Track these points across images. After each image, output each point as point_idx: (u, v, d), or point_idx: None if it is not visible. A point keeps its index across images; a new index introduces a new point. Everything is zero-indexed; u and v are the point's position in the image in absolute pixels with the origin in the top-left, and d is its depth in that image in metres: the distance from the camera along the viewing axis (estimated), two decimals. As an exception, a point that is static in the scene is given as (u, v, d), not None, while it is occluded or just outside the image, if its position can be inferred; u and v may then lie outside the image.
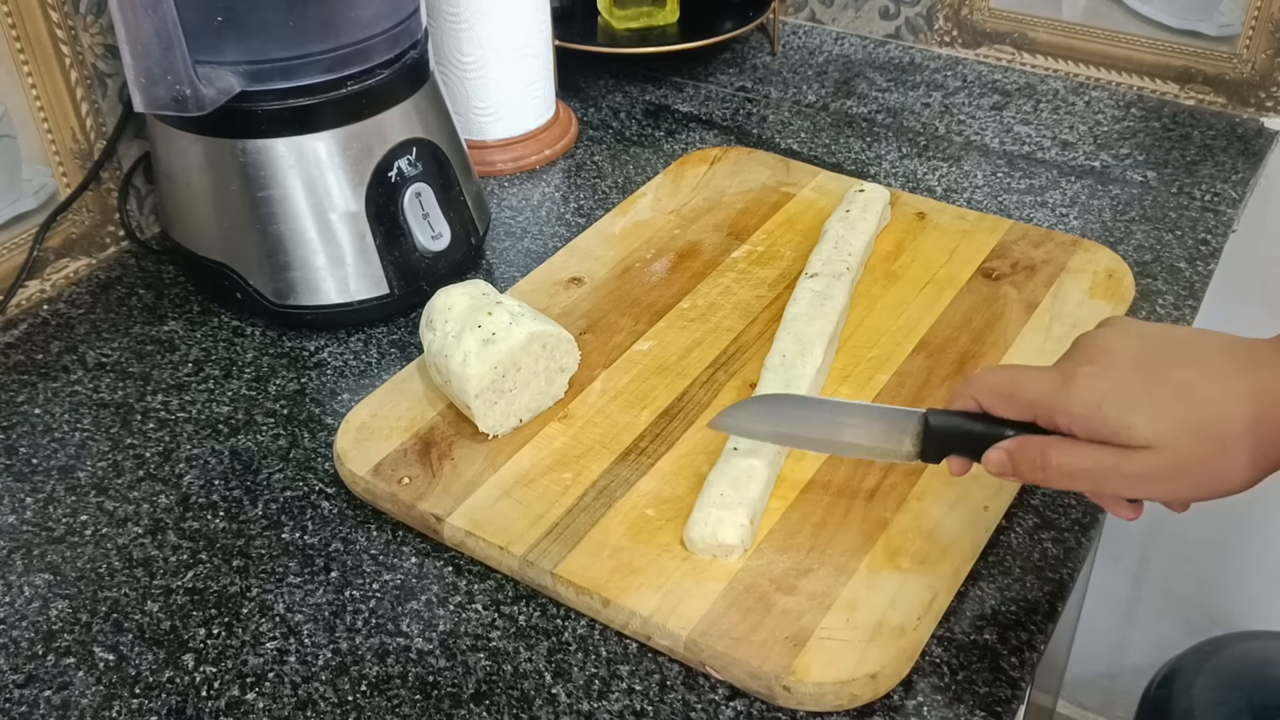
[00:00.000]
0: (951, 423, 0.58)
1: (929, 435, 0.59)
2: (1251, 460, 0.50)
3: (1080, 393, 0.52)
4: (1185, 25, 1.07)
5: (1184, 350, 0.52)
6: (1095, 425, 0.52)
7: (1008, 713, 0.59)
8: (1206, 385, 0.51)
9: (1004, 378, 0.56)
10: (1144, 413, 0.51)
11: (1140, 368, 0.52)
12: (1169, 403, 0.51)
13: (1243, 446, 0.50)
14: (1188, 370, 0.51)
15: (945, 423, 0.58)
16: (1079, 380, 0.52)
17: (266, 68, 0.77)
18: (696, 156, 1.00)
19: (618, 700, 0.60)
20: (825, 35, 1.23)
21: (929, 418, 0.58)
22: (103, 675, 0.62)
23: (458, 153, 0.88)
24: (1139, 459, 0.51)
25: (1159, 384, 0.51)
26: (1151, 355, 0.52)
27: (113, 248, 0.94)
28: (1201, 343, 0.53)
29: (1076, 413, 0.52)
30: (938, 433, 0.58)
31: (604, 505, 0.67)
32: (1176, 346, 0.53)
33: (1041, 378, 0.54)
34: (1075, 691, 1.53)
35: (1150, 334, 0.54)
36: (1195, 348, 0.53)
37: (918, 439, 0.59)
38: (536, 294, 0.84)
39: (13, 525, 0.71)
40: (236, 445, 0.76)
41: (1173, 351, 0.52)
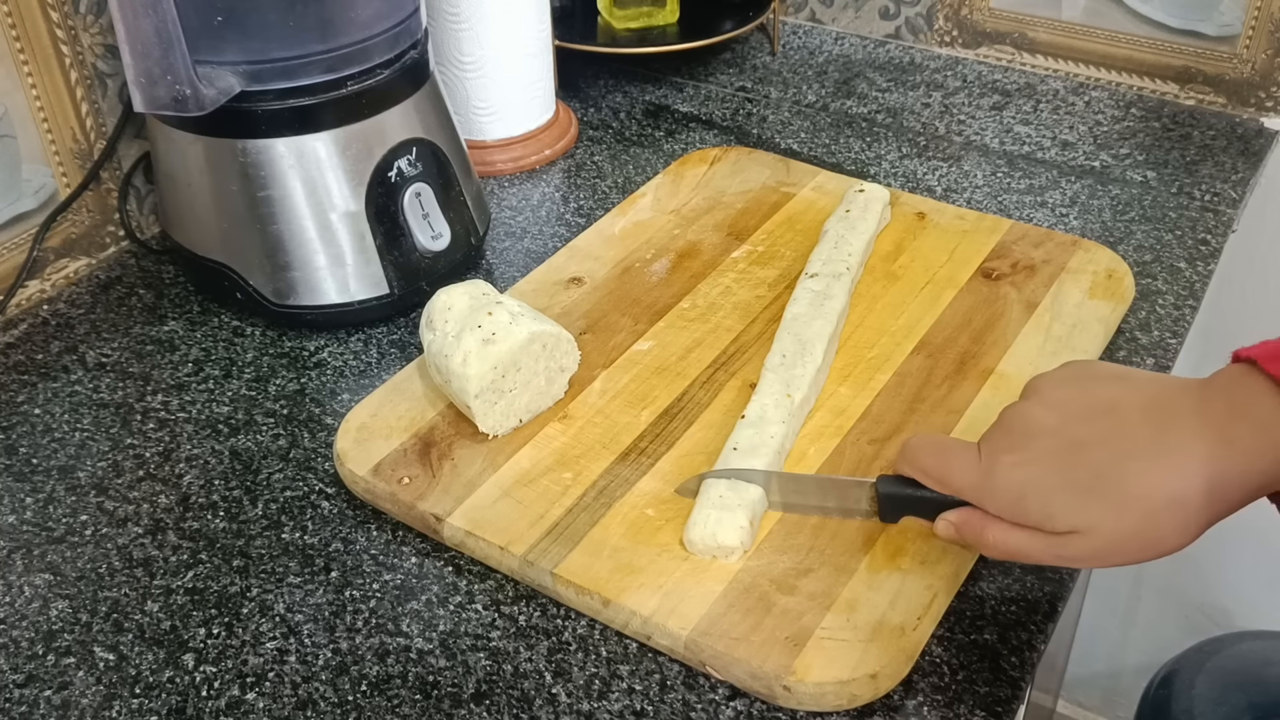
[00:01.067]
0: (900, 492, 0.59)
1: (881, 501, 0.61)
2: (1182, 525, 0.50)
3: (1002, 486, 0.53)
4: (1185, 25, 1.07)
5: (1104, 421, 0.52)
6: (1020, 516, 0.53)
7: (1008, 713, 0.59)
8: (1124, 463, 0.51)
9: (932, 461, 0.57)
10: (1063, 503, 0.51)
11: (1059, 452, 0.52)
12: (1088, 488, 0.51)
13: (1169, 515, 0.50)
14: (1105, 448, 0.51)
15: (894, 491, 0.60)
16: (999, 471, 0.53)
17: (266, 68, 0.77)
18: (696, 156, 1.00)
19: (618, 700, 0.60)
20: (825, 35, 1.23)
21: (879, 486, 0.60)
22: (103, 675, 0.62)
23: (458, 153, 0.88)
24: (1069, 543, 0.52)
25: (1077, 468, 0.51)
26: (1071, 434, 0.52)
27: (113, 248, 0.94)
28: (1123, 406, 0.52)
29: (1001, 504, 0.54)
30: (888, 499, 0.60)
31: (604, 505, 0.67)
32: (1096, 417, 0.52)
33: (966, 464, 0.55)
34: (1075, 691, 1.53)
35: (1072, 404, 0.54)
36: (1116, 415, 0.52)
37: (872, 502, 0.61)
38: (536, 294, 0.84)
39: (13, 525, 0.71)
40: (236, 445, 0.76)
41: (1091, 424, 0.52)
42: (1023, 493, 0.52)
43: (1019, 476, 0.53)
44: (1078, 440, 0.52)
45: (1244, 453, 0.49)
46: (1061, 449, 0.52)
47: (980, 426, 0.71)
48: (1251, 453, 0.49)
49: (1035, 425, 0.53)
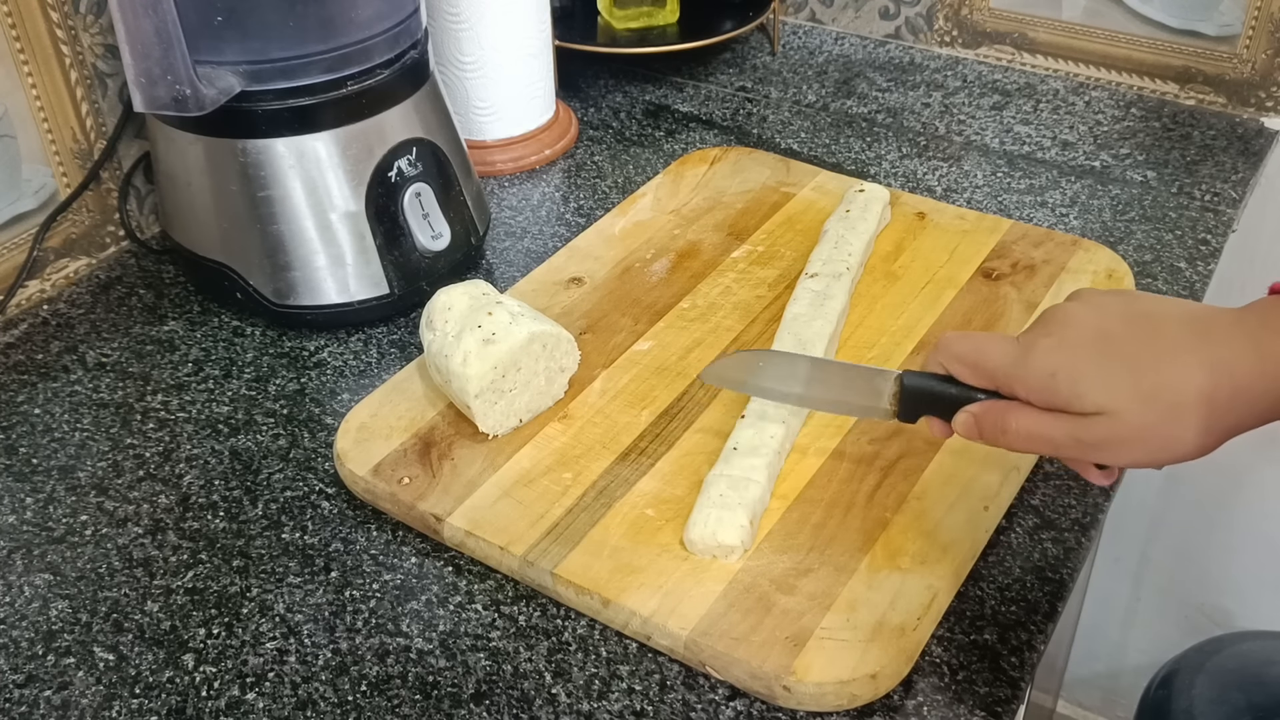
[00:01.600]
0: (925, 384, 0.59)
1: (904, 395, 0.61)
2: (1202, 428, 0.51)
3: (1036, 364, 0.54)
4: (1185, 25, 1.07)
5: (1141, 322, 0.54)
6: (1049, 395, 0.54)
7: (1008, 713, 0.59)
8: (1158, 356, 0.52)
9: (969, 347, 0.58)
10: (1095, 382, 0.52)
11: (1095, 340, 0.54)
12: (1120, 372, 0.52)
13: (1193, 414, 0.51)
14: (1141, 342, 0.53)
15: (918, 384, 0.60)
16: (1036, 352, 0.54)
17: (266, 68, 0.77)
18: (696, 156, 1.00)
19: (618, 700, 0.60)
20: (825, 35, 1.23)
21: (904, 378, 0.60)
22: (103, 675, 0.62)
23: (458, 153, 0.88)
24: (1092, 425, 0.53)
25: (1111, 355, 0.53)
26: (1109, 327, 0.54)
27: (113, 248, 0.94)
28: (1161, 314, 0.54)
29: (1032, 383, 0.54)
30: (911, 393, 0.60)
31: (604, 505, 0.67)
32: (1135, 318, 0.54)
33: (1003, 349, 0.56)
34: (1075, 691, 1.53)
35: (1112, 307, 0.55)
36: (1153, 319, 0.54)
37: (894, 398, 0.61)
38: (536, 294, 0.84)
39: (13, 525, 0.71)
40: (236, 445, 0.76)
41: (1130, 323, 0.54)
42: (1055, 371, 0.53)
43: (1054, 358, 0.54)
44: (1115, 334, 0.54)
45: (1272, 363, 0.51)
46: (1099, 338, 0.54)
47: (980, 426, 0.71)
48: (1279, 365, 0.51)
49: (1075, 318, 0.55)
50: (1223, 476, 1.26)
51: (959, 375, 0.58)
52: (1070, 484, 0.71)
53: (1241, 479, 1.25)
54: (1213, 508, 1.29)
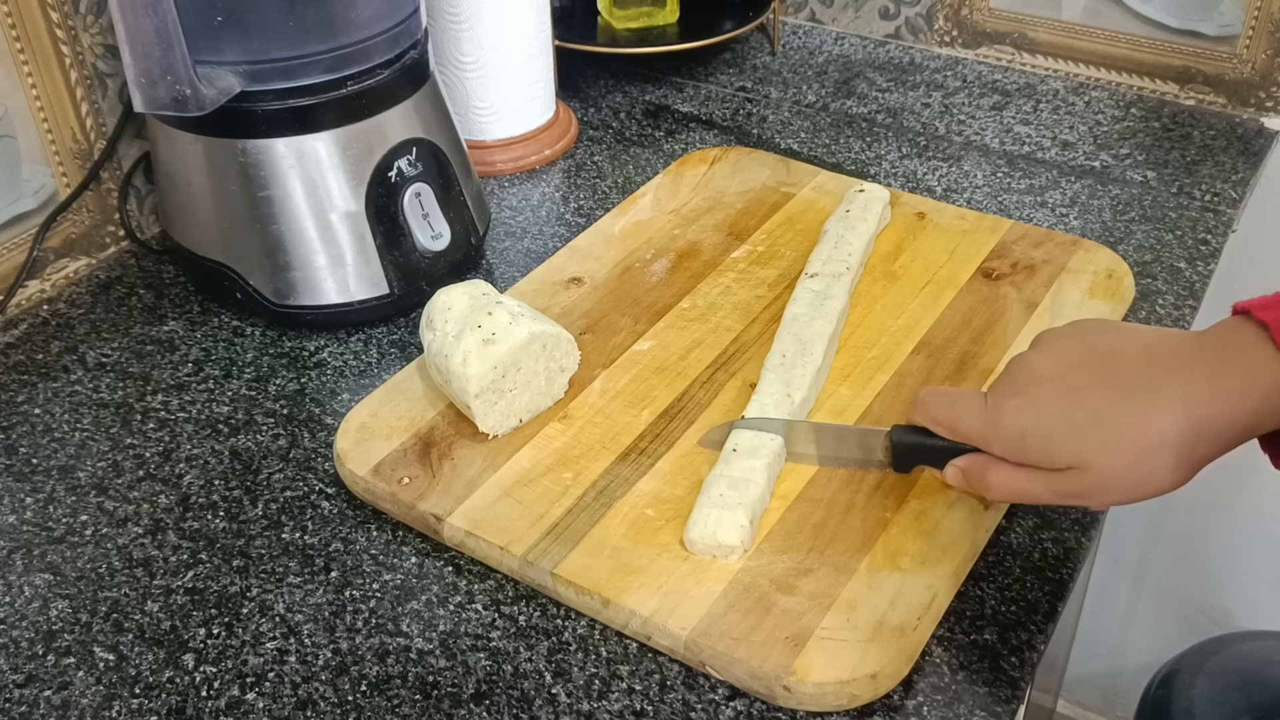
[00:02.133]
0: (911, 439, 0.62)
1: (894, 450, 0.64)
2: (1171, 466, 0.53)
3: (1005, 428, 0.56)
4: (1185, 25, 1.07)
5: (1102, 368, 0.55)
6: (1021, 454, 0.56)
7: (1008, 713, 0.59)
8: (1119, 403, 0.53)
9: (942, 410, 0.60)
10: (1063, 440, 0.54)
11: (1059, 396, 0.55)
12: (1085, 427, 0.54)
13: (1159, 456, 0.53)
14: (1103, 390, 0.54)
15: (906, 440, 0.63)
16: (1004, 415, 0.56)
17: (266, 68, 0.77)
18: (696, 156, 1.00)
19: (618, 700, 0.60)
20: (825, 35, 1.23)
21: (892, 434, 0.63)
22: (103, 675, 0.62)
23: (458, 153, 0.88)
24: (1067, 479, 0.55)
25: (1076, 408, 0.54)
26: (1072, 379, 0.55)
27: (113, 248, 0.94)
28: (1120, 354, 0.55)
29: (1005, 445, 0.57)
30: (900, 448, 0.63)
31: (604, 505, 0.67)
32: (1096, 363, 0.55)
33: (974, 412, 0.58)
34: (1075, 691, 1.53)
35: (1073, 354, 0.56)
36: (1113, 362, 0.55)
37: (886, 451, 0.64)
38: (536, 294, 0.84)
39: (13, 525, 0.71)
40: (236, 445, 0.76)
41: (1091, 370, 0.55)
42: (1024, 434, 0.55)
43: (1021, 419, 0.55)
44: (1076, 385, 0.55)
45: (1233, 395, 0.52)
46: (1061, 393, 0.55)
47: (980, 426, 0.71)
48: (1240, 395, 0.52)
49: (1038, 372, 0.56)
50: (1223, 477, 1.25)
51: (940, 434, 0.60)
52: (1070, 484, 0.71)
53: (1241, 479, 1.24)
54: (1213, 508, 1.29)
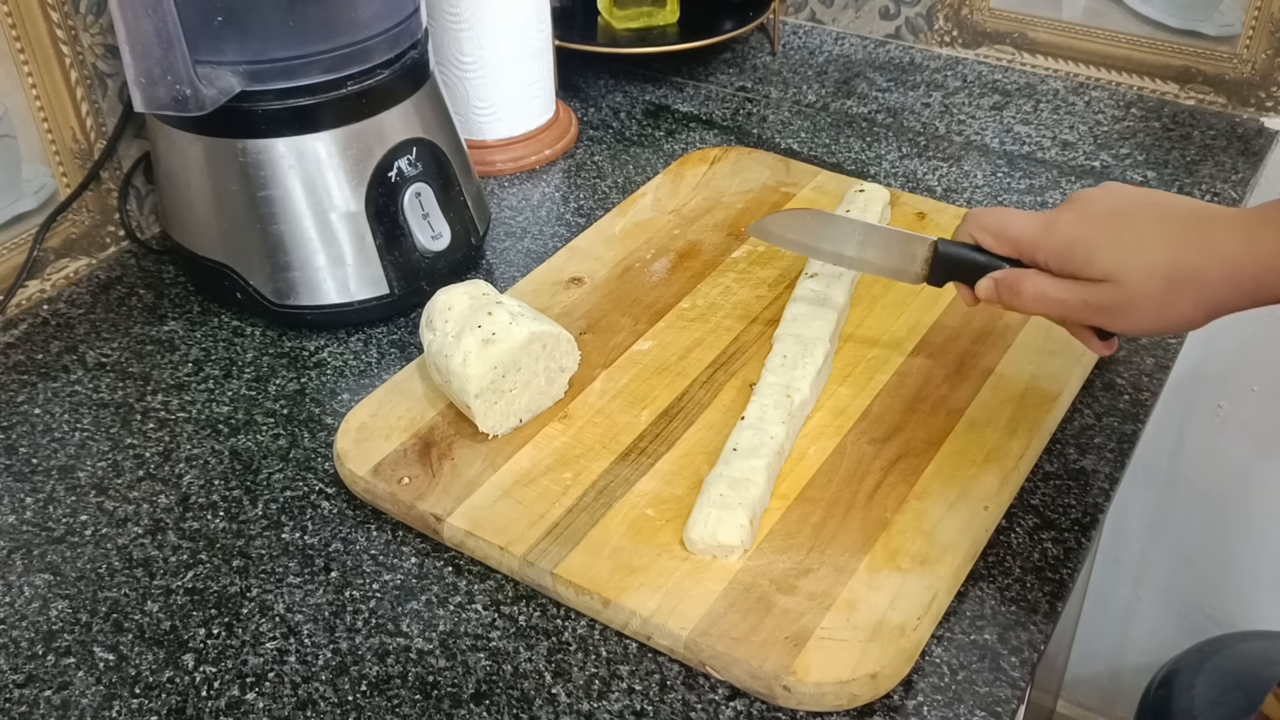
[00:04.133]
0: (956, 251, 0.67)
1: (936, 260, 0.68)
2: (1195, 302, 0.59)
3: (1058, 233, 0.62)
4: (1185, 25, 1.07)
5: (1154, 208, 0.61)
6: (1065, 260, 0.62)
7: (1007, 713, 0.59)
8: (1162, 236, 0.59)
9: (995, 217, 0.65)
10: (1106, 252, 0.60)
11: (1111, 218, 0.61)
12: (1128, 246, 0.60)
13: (1188, 289, 0.58)
14: (1151, 224, 0.60)
15: (951, 250, 0.67)
16: (1058, 224, 0.62)
17: (266, 68, 0.77)
18: (696, 156, 1.00)
19: (618, 700, 0.60)
20: (825, 35, 1.23)
21: (938, 245, 0.67)
22: (103, 675, 0.62)
23: (458, 153, 0.88)
24: (1099, 290, 0.60)
25: (1123, 231, 0.60)
26: (1126, 208, 0.61)
27: (113, 248, 0.94)
28: (1172, 204, 0.61)
29: (1052, 249, 0.62)
30: (944, 258, 0.67)
31: (604, 505, 0.67)
32: (1150, 205, 0.61)
33: (1028, 221, 0.64)
34: (1075, 691, 1.53)
35: (1131, 194, 0.63)
36: (1165, 208, 0.61)
37: (926, 263, 0.68)
38: (536, 294, 0.84)
39: (13, 525, 0.71)
40: (236, 445, 0.76)
41: (1145, 208, 0.61)
42: (1073, 241, 0.61)
43: (1074, 230, 0.62)
44: (1131, 215, 0.61)
45: (1263, 252, 0.57)
46: (1115, 217, 0.61)
47: (980, 426, 0.72)
48: (1270, 253, 0.57)
49: (1098, 199, 0.63)
50: (1223, 477, 1.26)
51: (985, 244, 0.65)
52: (1070, 484, 0.71)
53: (1241, 480, 1.25)
54: (1213, 508, 1.29)
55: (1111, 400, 0.77)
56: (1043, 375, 0.75)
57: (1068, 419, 0.75)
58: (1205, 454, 1.26)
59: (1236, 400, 1.21)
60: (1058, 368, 0.76)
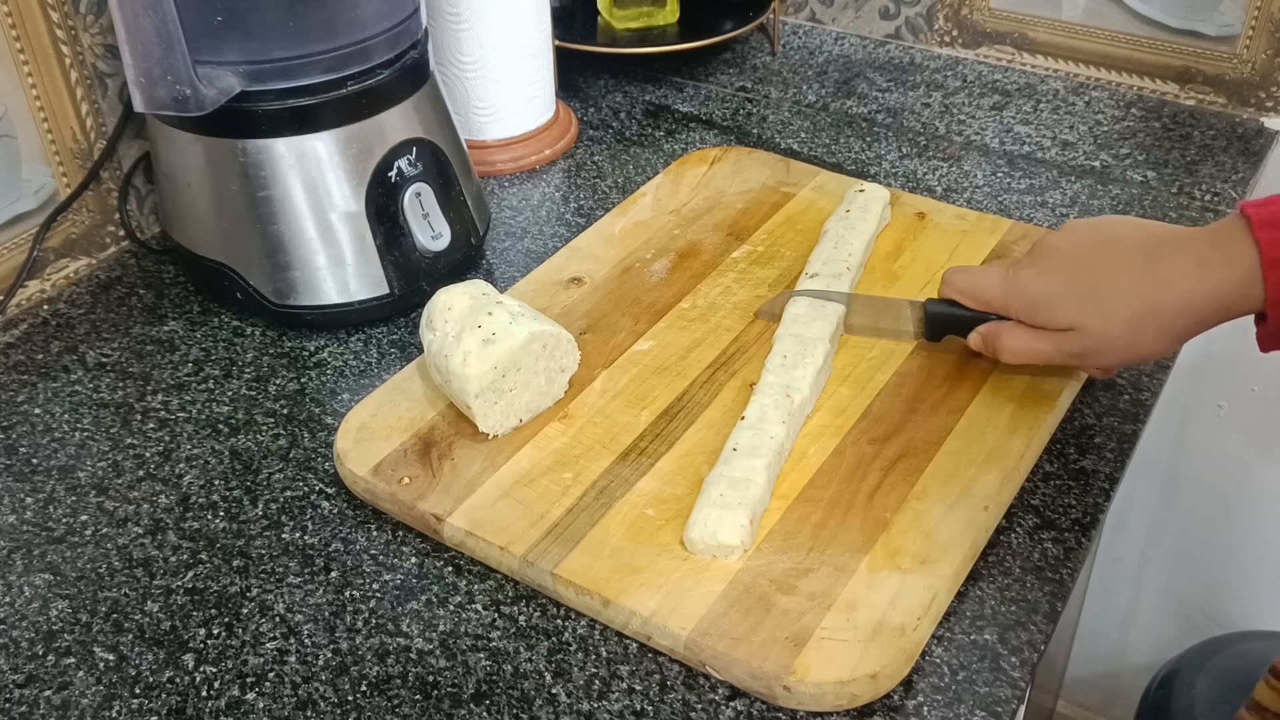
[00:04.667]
0: (944, 311, 0.74)
1: (927, 320, 0.75)
2: (1157, 336, 0.63)
3: (1021, 291, 0.68)
4: (1185, 25, 1.07)
5: (1107, 248, 0.65)
6: (1032, 316, 0.68)
7: (1008, 713, 0.59)
8: (1117, 278, 0.64)
9: (967, 280, 0.72)
10: (1067, 306, 0.65)
11: (1068, 268, 0.66)
12: (1085, 295, 0.65)
13: (1148, 326, 0.63)
14: (1106, 268, 0.65)
15: (939, 310, 0.74)
16: (1021, 281, 0.68)
17: (267, 68, 0.77)
18: (696, 156, 1.00)
19: (618, 700, 0.60)
20: (825, 35, 1.23)
21: (926, 306, 0.75)
22: (103, 675, 0.62)
23: (458, 153, 0.88)
24: (1068, 339, 0.66)
25: (1079, 280, 0.65)
26: (1082, 255, 0.66)
27: (113, 248, 0.94)
28: (1124, 239, 0.66)
29: (1019, 308, 0.68)
30: (933, 318, 0.75)
31: (604, 505, 0.67)
32: (1103, 245, 0.66)
33: (993, 282, 0.70)
34: (1075, 691, 1.53)
35: (1086, 236, 0.67)
36: (1117, 244, 0.65)
37: (920, 323, 0.76)
38: (536, 294, 0.84)
39: (13, 525, 0.71)
40: (236, 445, 0.76)
41: (1098, 251, 0.66)
42: (1035, 297, 0.67)
43: (1035, 285, 0.67)
44: (1084, 260, 0.66)
45: (1214, 277, 0.61)
46: (1070, 266, 0.66)
47: (980, 426, 0.72)
48: (1221, 278, 0.61)
49: (1053, 250, 0.68)
50: (1223, 477, 1.26)
51: (964, 303, 0.72)
52: (1070, 484, 0.71)
53: (1241, 480, 1.25)
54: (1213, 508, 1.29)
55: (1111, 400, 0.77)
56: (1043, 375, 0.75)
57: (1068, 419, 0.75)
58: (1205, 454, 1.26)
59: (1236, 400, 1.21)
60: (1058, 368, 0.76)
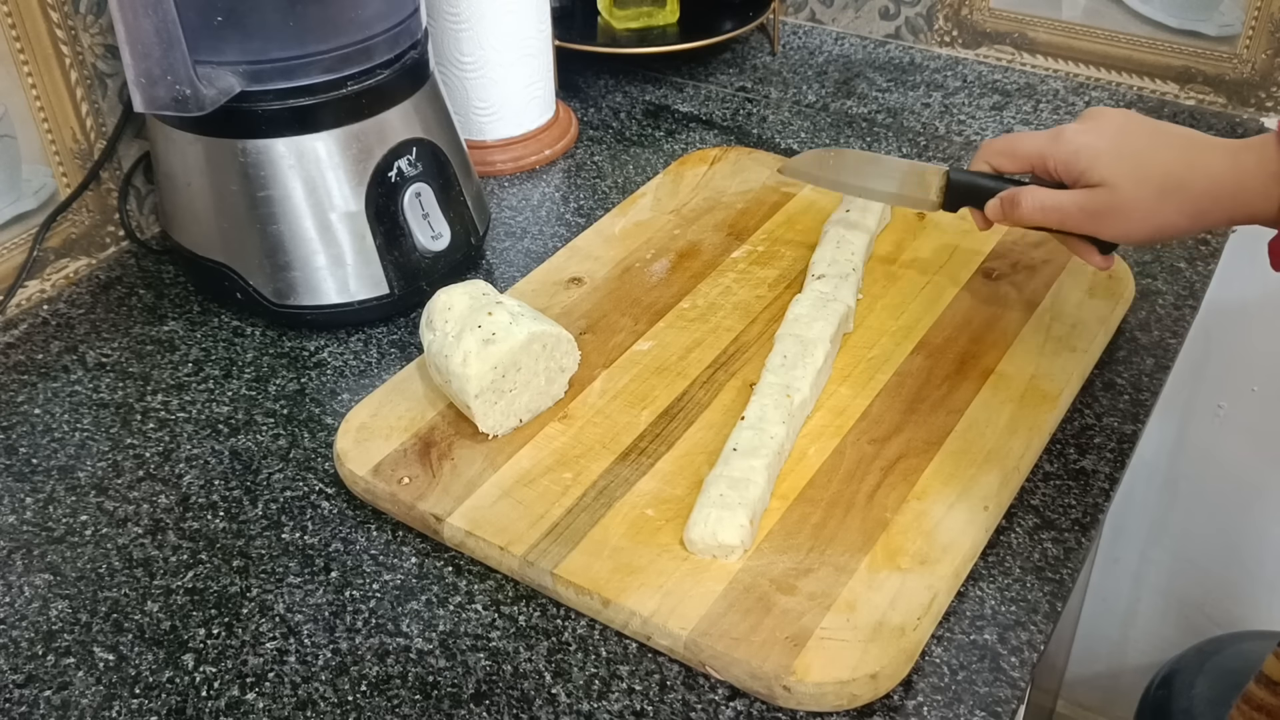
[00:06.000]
0: (966, 178, 0.74)
1: (949, 188, 0.75)
2: (1181, 212, 0.66)
3: (1064, 142, 0.69)
4: (1185, 25, 1.07)
5: (1155, 129, 0.68)
6: (1070, 164, 0.68)
7: (1007, 713, 0.59)
8: (1158, 151, 0.67)
9: (1006, 141, 0.73)
10: (1106, 160, 0.67)
11: (1114, 133, 0.68)
12: (1126, 156, 0.67)
13: (1174, 199, 0.66)
14: (1150, 140, 0.67)
15: (961, 178, 0.74)
16: (1066, 134, 0.69)
17: (267, 68, 0.77)
18: (696, 156, 1.00)
19: (618, 700, 0.60)
20: (825, 35, 1.23)
21: (950, 173, 0.75)
22: (103, 675, 0.62)
23: (458, 153, 0.88)
24: (1096, 195, 0.67)
25: (1124, 144, 0.67)
26: (1129, 127, 0.68)
27: (113, 248, 0.94)
28: (1173, 129, 0.68)
29: (1059, 156, 0.69)
30: (955, 185, 0.75)
31: (604, 505, 0.67)
32: (1152, 127, 0.68)
33: (1037, 136, 0.71)
34: (1075, 691, 1.53)
35: (1138, 116, 0.70)
36: (1166, 130, 0.68)
37: (940, 191, 0.76)
38: (536, 294, 0.84)
39: (13, 525, 0.71)
40: (236, 445, 0.76)
41: (1147, 128, 0.68)
42: (1078, 148, 0.68)
43: (1079, 139, 0.69)
44: (1131, 130, 0.68)
45: (1243, 173, 0.64)
46: (1117, 131, 0.68)
47: (980, 426, 0.72)
48: (1249, 174, 0.64)
49: (1106, 115, 0.70)
50: (1223, 477, 1.26)
51: (999, 166, 0.73)
52: (1070, 484, 0.71)
53: (1241, 480, 1.25)
54: (1213, 508, 1.29)
55: (1111, 400, 0.77)
56: (1043, 375, 0.75)
57: (1068, 419, 0.75)
58: (1205, 454, 1.26)
59: (1236, 400, 1.21)
60: (1058, 368, 0.76)
